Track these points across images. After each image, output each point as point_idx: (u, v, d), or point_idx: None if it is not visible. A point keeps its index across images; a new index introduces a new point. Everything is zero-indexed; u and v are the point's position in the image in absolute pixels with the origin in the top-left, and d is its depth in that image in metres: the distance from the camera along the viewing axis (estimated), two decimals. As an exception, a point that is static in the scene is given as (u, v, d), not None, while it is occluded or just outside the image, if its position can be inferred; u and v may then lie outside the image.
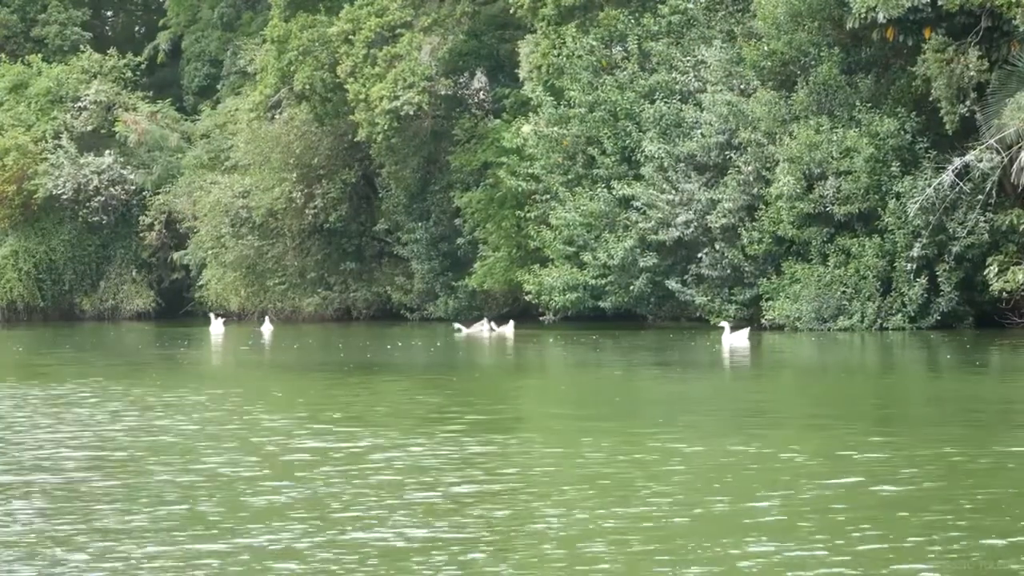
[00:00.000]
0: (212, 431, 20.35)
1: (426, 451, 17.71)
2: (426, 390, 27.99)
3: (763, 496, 14.06)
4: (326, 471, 16.03)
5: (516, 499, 14.15)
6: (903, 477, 15.18)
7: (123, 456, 17.73)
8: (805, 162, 45.00)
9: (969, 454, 16.97)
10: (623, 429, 20.04)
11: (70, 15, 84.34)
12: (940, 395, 25.66)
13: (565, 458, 17.27)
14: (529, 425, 21.86)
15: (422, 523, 12.92)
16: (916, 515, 13.04)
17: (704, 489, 14.56)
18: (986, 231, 43.30)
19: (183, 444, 18.83)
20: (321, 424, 21.05)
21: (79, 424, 21.11)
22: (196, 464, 16.86)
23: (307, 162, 67.13)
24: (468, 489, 14.75)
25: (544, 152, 53.24)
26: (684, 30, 51.70)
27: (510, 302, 59.72)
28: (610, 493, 14.37)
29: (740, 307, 47.81)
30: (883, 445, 17.82)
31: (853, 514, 13.05)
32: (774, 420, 21.64)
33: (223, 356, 43.23)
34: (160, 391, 27.23)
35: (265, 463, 16.93)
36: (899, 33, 43.85)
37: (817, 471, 15.80)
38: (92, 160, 74.32)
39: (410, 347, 43.82)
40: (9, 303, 75.45)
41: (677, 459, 16.78)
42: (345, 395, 27.05)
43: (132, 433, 20.09)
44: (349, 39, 61.00)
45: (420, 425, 20.73)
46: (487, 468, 16.22)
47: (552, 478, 15.64)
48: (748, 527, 12.56)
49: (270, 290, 69.58)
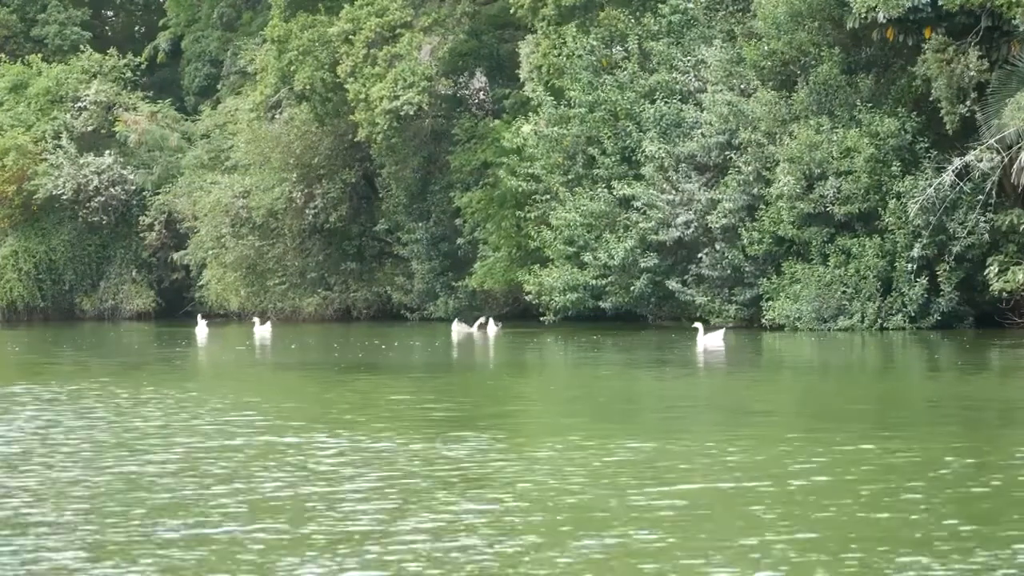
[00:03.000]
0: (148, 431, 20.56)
1: (343, 448, 17.93)
2: (405, 389, 28.09)
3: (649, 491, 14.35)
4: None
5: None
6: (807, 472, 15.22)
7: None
8: (805, 162, 44.97)
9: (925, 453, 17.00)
10: (581, 427, 20.32)
11: (70, 15, 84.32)
12: (913, 394, 25.67)
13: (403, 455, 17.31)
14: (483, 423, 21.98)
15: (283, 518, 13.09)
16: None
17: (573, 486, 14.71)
18: (986, 231, 43.27)
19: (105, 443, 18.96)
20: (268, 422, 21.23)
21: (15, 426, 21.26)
22: (104, 463, 17.03)
23: (307, 162, 67.11)
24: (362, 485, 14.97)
25: (544, 152, 53.22)
26: (684, 30, 51.66)
27: (510, 302, 59.72)
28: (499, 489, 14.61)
29: (740, 307, 47.77)
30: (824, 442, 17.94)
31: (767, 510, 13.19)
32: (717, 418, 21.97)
33: (206, 357, 43.26)
34: (133, 391, 27.35)
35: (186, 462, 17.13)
36: (899, 33, 43.81)
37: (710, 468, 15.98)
38: (92, 160, 74.30)
39: (402, 348, 43.81)
40: (9, 303, 75.42)
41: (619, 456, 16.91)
42: (320, 393, 27.15)
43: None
44: (349, 39, 60.98)
45: (365, 424, 20.90)
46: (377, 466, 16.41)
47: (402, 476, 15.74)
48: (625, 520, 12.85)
49: (270, 290, 69.55)
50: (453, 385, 29.77)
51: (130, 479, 15.71)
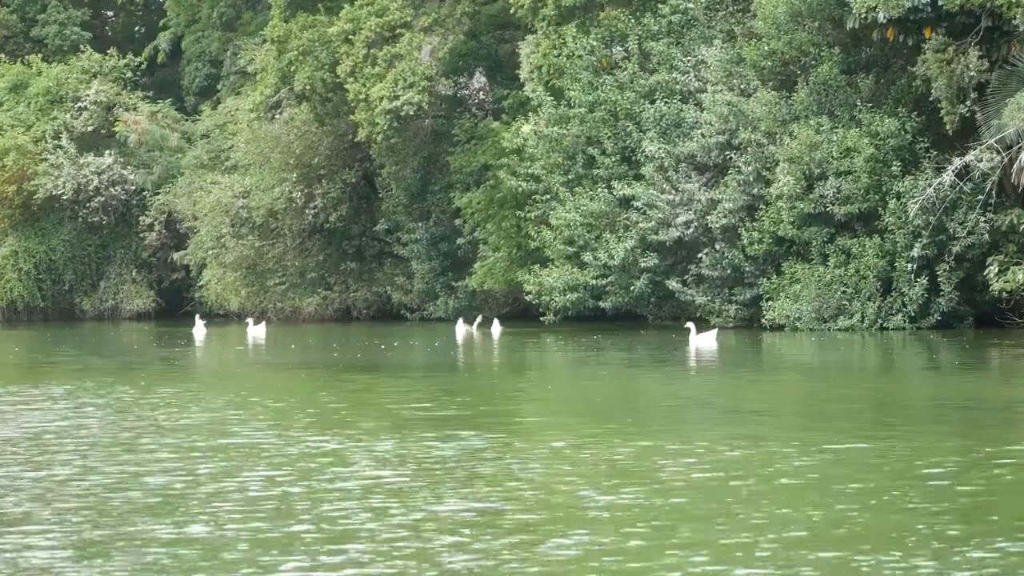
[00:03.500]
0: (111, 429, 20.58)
1: (333, 447, 17.97)
2: (400, 389, 28.06)
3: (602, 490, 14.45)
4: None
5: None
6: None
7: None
8: (805, 162, 44.93)
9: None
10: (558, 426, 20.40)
11: (70, 15, 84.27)
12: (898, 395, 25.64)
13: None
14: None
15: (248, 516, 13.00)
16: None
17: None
18: (986, 231, 43.22)
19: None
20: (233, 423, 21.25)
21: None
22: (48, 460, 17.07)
23: (307, 162, 67.10)
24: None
25: (544, 152, 53.19)
26: (684, 30, 51.63)
27: (510, 302, 59.71)
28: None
29: (740, 307, 47.73)
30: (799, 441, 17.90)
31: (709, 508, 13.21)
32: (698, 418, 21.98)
33: (204, 357, 43.25)
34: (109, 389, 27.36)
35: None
36: (899, 33, 43.76)
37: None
38: (92, 160, 74.27)
39: (401, 348, 43.77)
40: (9, 303, 75.40)
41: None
42: (313, 392, 27.15)
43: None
44: (349, 39, 60.95)
45: (337, 425, 20.90)
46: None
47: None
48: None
49: (270, 290, 69.54)
50: (450, 385, 29.70)
51: (118, 478, 15.67)
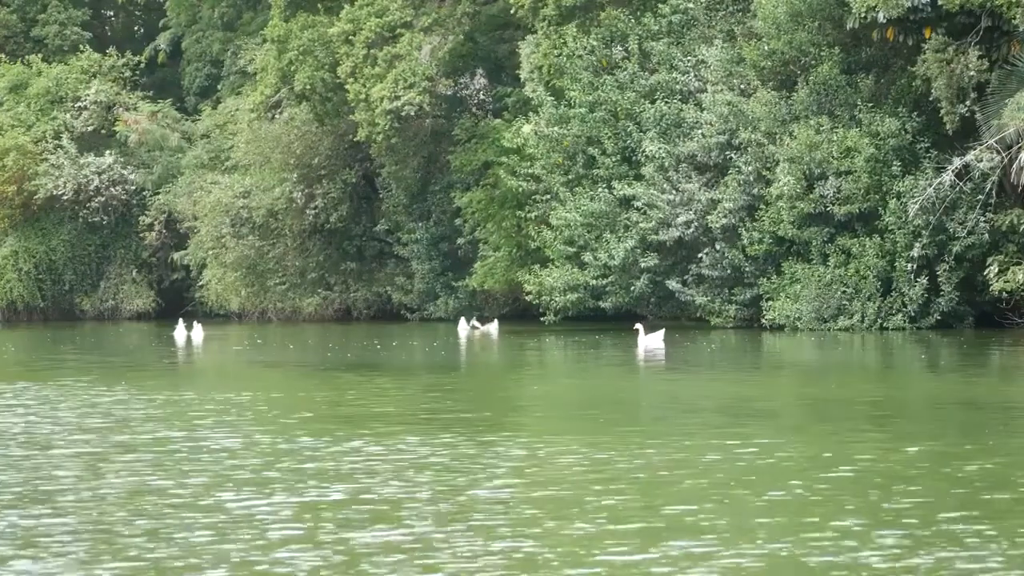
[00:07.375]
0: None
1: (320, 447, 17.99)
2: (395, 389, 28.09)
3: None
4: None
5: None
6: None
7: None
8: (805, 162, 44.97)
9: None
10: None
11: (70, 15, 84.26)
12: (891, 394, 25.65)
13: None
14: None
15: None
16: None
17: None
18: (986, 231, 43.27)
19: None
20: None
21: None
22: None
23: (307, 162, 67.13)
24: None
25: (544, 152, 53.20)
26: (684, 30, 51.65)
27: (510, 302, 59.75)
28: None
29: (740, 307, 47.77)
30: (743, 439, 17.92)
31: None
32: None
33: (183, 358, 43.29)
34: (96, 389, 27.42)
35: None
36: (899, 33, 43.81)
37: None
38: (92, 160, 74.32)
39: (401, 348, 43.80)
40: (9, 303, 75.42)
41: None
42: (311, 392, 27.21)
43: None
44: (349, 39, 60.98)
45: (310, 423, 20.90)
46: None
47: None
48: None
49: (270, 290, 69.58)
50: (445, 385, 29.70)
51: (85, 478, 15.68)
